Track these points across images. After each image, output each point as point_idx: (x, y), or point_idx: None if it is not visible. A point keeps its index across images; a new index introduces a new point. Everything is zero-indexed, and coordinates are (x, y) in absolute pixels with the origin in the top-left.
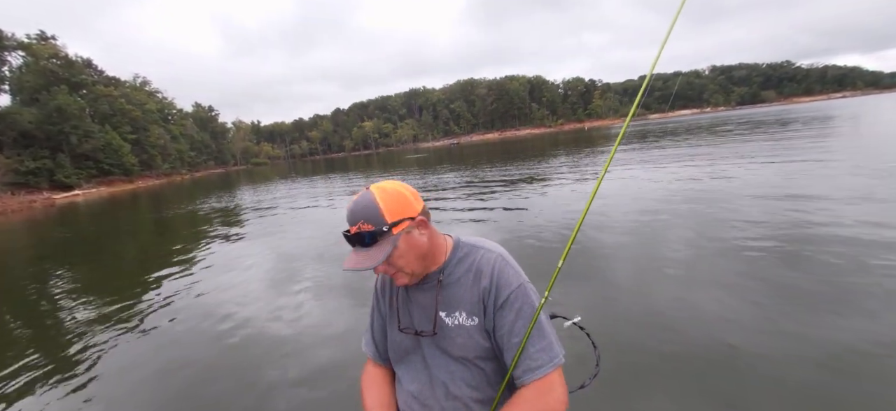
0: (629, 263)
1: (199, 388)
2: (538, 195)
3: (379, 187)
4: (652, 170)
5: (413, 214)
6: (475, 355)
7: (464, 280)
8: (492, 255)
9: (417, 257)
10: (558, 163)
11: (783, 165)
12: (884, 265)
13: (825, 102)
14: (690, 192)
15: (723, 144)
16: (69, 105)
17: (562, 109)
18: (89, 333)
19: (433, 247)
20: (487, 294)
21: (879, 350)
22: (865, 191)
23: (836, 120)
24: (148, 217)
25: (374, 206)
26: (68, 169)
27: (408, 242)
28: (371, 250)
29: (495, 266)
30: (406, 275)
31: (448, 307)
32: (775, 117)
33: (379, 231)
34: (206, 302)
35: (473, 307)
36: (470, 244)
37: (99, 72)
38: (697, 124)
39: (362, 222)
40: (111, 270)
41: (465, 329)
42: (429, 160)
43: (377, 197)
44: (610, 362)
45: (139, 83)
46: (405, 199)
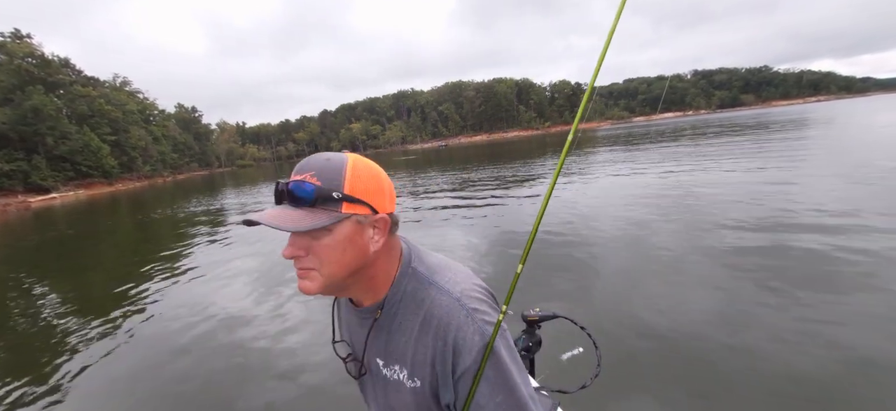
0: (615, 262)
1: (176, 395)
2: (524, 197)
3: (358, 157)
4: (637, 171)
5: (378, 207)
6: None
7: (407, 327)
8: (449, 302)
9: (347, 262)
10: (551, 165)
11: (762, 169)
12: (855, 261)
13: (801, 106)
14: (675, 193)
15: (706, 146)
16: (45, 105)
17: (549, 112)
18: (63, 342)
19: (376, 267)
20: (441, 359)
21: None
22: (841, 193)
23: (811, 124)
24: (128, 220)
25: (338, 167)
26: (44, 171)
27: (350, 234)
28: (301, 212)
29: (453, 320)
30: (316, 276)
31: (385, 355)
32: (755, 120)
33: (327, 194)
34: (183, 311)
35: (418, 368)
36: (424, 276)
37: (77, 71)
38: (681, 126)
39: (311, 174)
40: (88, 276)
41: (405, 389)
42: (418, 162)
43: (349, 163)
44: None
45: (119, 83)
46: (379, 187)
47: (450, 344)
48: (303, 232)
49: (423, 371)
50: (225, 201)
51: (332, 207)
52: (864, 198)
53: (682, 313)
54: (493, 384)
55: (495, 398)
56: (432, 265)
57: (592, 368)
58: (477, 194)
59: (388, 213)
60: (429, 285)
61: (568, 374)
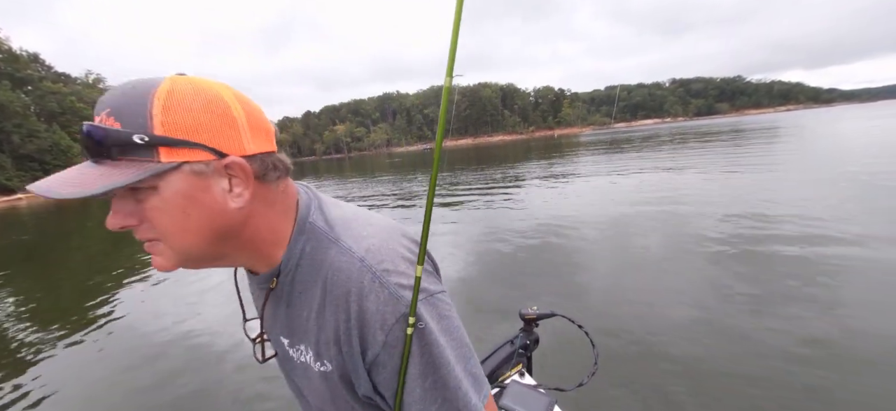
0: (599, 264)
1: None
2: (514, 198)
3: (184, 77)
4: (621, 175)
5: (221, 147)
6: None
7: (307, 297)
8: (350, 263)
9: (197, 228)
10: (537, 168)
11: (738, 173)
12: (829, 262)
13: (773, 115)
14: (656, 197)
15: (686, 152)
16: (11, 102)
17: (533, 116)
18: (28, 350)
19: (254, 227)
20: (346, 338)
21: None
22: (812, 196)
23: (782, 133)
24: (100, 223)
25: (143, 98)
26: (10, 170)
27: (185, 192)
28: (99, 169)
29: (354, 287)
30: (163, 248)
31: (289, 332)
32: (730, 128)
33: (126, 139)
34: (155, 316)
35: (325, 349)
36: (322, 232)
37: (47, 67)
38: (661, 132)
39: (107, 112)
40: (55, 281)
41: (314, 374)
42: (403, 165)
43: (162, 88)
44: (585, 357)
45: (92, 80)
46: (223, 117)
47: (353, 318)
48: (102, 193)
49: (330, 352)
50: None
51: (142, 156)
52: (831, 201)
53: (673, 312)
54: (419, 363)
55: (424, 382)
56: (335, 218)
57: (590, 366)
58: (468, 196)
59: (246, 155)
60: (329, 243)
61: (565, 372)
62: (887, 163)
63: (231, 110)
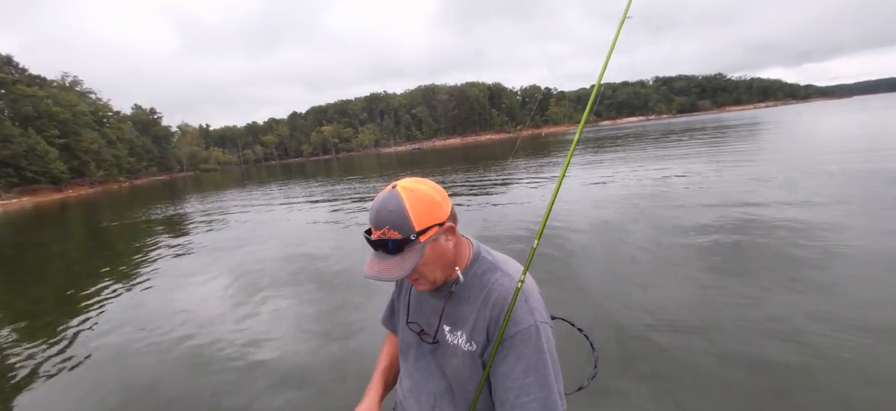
0: (592, 262)
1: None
2: (508, 195)
3: (407, 188)
4: (609, 172)
5: (442, 220)
6: (468, 383)
7: (474, 299)
8: (507, 281)
9: (442, 266)
10: (523, 165)
11: (723, 166)
12: (813, 248)
13: (753, 111)
14: (644, 193)
15: (671, 148)
16: None
17: (520, 115)
18: (7, 362)
19: (457, 256)
20: (495, 325)
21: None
22: (793, 187)
23: (762, 127)
24: (79, 229)
25: (401, 212)
26: None
27: (434, 250)
28: (395, 259)
29: (508, 297)
30: (427, 282)
31: (453, 322)
32: (713, 124)
33: (406, 239)
34: (143, 326)
35: (476, 333)
36: (490, 262)
37: (21, 70)
38: (645, 130)
39: (388, 228)
40: (34, 290)
41: (462, 352)
42: (391, 164)
43: (405, 200)
44: (583, 357)
45: (69, 83)
46: (434, 203)
47: (504, 314)
48: (408, 274)
49: (480, 336)
50: (186, 208)
51: (414, 245)
52: (811, 188)
53: (668, 312)
54: (527, 364)
55: (526, 378)
56: (497, 257)
57: (590, 370)
58: (458, 197)
59: (449, 217)
60: (495, 269)
61: (565, 376)
62: (866, 154)
63: (436, 198)
